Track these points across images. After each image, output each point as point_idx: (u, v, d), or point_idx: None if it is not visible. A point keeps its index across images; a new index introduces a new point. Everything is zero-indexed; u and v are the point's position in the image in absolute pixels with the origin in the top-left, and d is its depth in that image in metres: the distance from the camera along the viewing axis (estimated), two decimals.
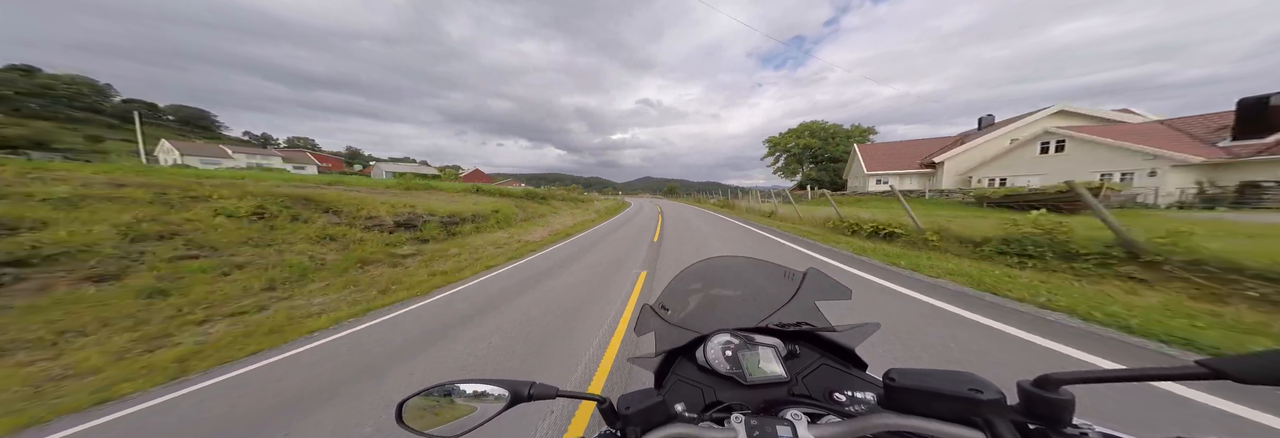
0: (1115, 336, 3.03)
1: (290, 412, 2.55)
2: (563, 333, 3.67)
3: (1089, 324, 3.24)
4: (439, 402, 0.61)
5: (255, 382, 3.07)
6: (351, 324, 4.38)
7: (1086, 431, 0.42)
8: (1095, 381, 0.38)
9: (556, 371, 2.93)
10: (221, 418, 2.56)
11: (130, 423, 2.59)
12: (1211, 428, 1.90)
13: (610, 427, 0.61)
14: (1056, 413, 0.41)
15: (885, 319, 3.49)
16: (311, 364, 3.33)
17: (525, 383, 0.60)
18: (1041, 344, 2.88)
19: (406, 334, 3.94)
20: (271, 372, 3.24)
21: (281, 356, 3.58)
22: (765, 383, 0.68)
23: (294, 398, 2.74)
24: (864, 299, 4.14)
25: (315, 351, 3.66)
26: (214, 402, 2.79)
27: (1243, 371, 0.32)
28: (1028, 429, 0.42)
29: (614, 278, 5.87)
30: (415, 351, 3.49)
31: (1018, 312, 3.62)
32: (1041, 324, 3.29)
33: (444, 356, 3.35)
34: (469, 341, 3.64)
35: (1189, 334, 2.92)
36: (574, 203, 30.01)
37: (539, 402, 0.65)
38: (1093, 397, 2.07)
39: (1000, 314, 3.55)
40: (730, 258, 1.33)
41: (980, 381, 0.46)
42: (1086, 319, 3.33)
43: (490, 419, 0.59)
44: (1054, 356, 2.70)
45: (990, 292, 4.25)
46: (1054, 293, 4.02)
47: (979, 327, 3.28)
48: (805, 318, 0.94)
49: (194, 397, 2.89)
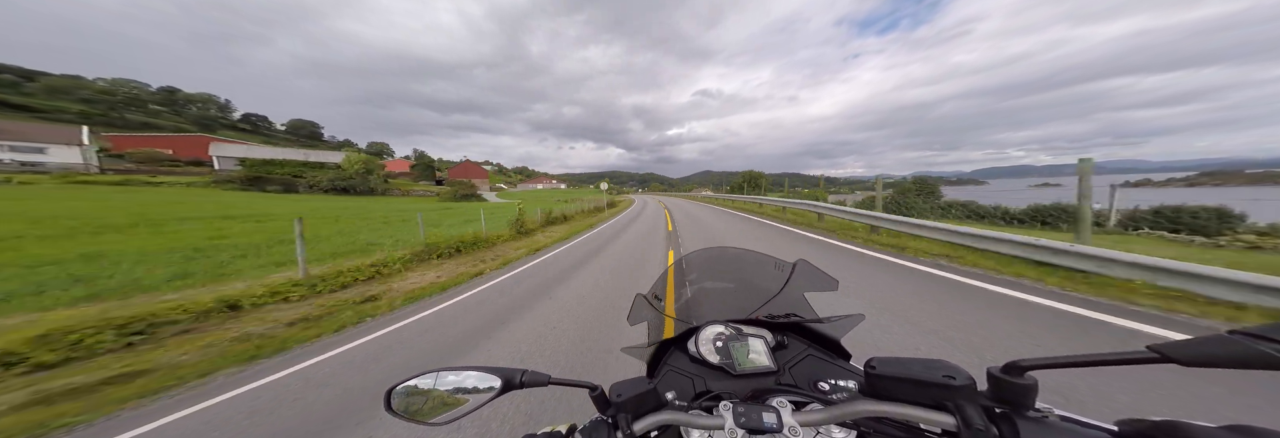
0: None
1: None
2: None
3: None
4: (429, 389, 0.61)
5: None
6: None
7: (1047, 414, 0.45)
8: (1057, 366, 0.40)
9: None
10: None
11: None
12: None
13: (601, 414, 0.62)
14: (1021, 397, 0.44)
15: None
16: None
17: (517, 371, 0.61)
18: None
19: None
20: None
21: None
22: (754, 373, 0.70)
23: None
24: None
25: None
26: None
27: (1184, 354, 0.36)
28: (994, 413, 0.45)
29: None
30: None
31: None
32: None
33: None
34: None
35: None
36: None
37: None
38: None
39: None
40: (722, 249, 1.35)
41: (954, 368, 0.48)
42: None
43: (481, 407, 0.60)
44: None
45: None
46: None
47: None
48: (794, 309, 0.96)
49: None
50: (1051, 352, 2.98)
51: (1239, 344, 0.34)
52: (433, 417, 0.59)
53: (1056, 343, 3.06)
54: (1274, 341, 0.33)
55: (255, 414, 2.63)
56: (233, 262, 7.52)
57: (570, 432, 0.61)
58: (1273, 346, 0.33)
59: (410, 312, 4.84)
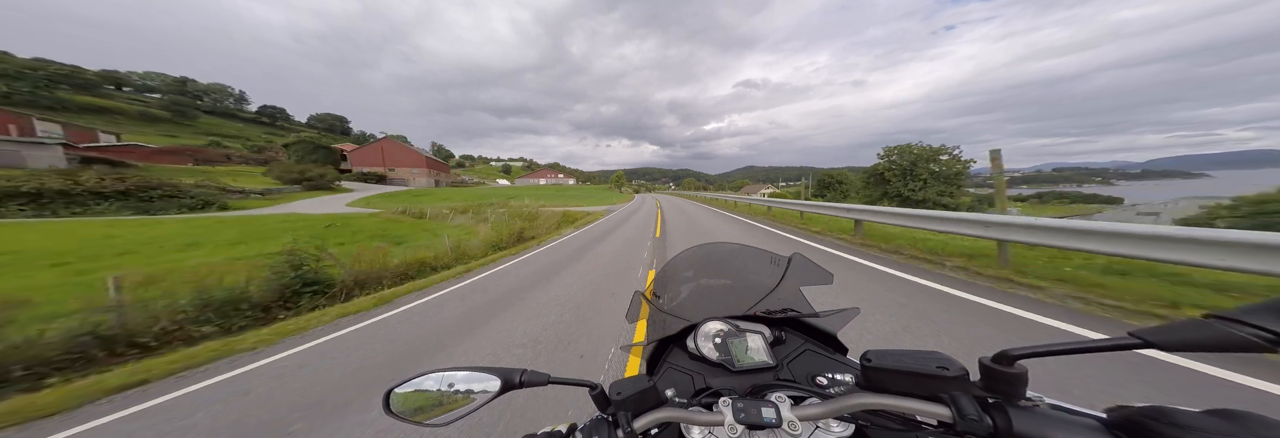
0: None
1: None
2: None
3: None
4: (428, 390, 0.61)
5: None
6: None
7: (1038, 403, 0.46)
8: (1046, 354, 0.41)
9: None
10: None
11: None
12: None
13: (601, 412, 0.61)
14: (1012, 387, 0.45)
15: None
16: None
17: (516, 370, 0.61)
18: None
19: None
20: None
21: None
22: (753, 369, 0.71)
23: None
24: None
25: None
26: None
27: (1165, 339, 0.37)
28: (987, 403, 0.45)
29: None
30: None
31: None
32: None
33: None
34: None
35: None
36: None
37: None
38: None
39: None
40: (716, 244, 1.35)
41: (947, 359, 0.49)
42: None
43: (481, 407, 0.59)
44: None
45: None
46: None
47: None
48: (790, 304, 0.96)
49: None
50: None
51: (1215, 328, 0.35)
52: (432, 418, 0.59)
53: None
54: (1249, 324, 0.34)
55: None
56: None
57: (571, 431, 0.61)
58: (1248, 329, 0.34)
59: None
